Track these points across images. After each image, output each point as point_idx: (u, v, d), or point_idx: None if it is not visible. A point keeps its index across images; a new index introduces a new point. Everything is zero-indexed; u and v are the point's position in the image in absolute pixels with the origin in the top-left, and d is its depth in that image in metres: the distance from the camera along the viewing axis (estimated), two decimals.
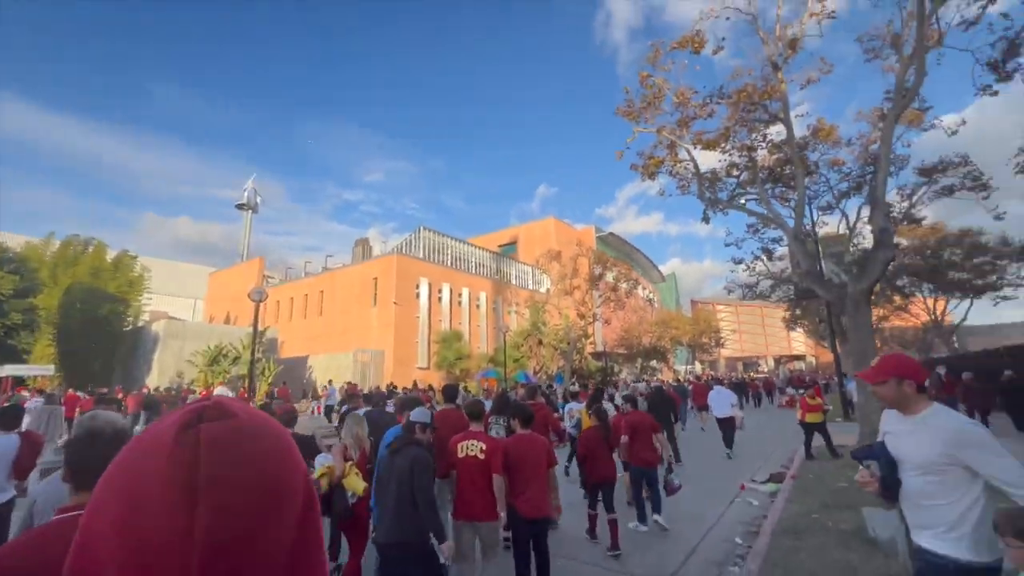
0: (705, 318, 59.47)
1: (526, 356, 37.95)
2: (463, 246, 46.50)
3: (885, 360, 2.31)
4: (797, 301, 32.18)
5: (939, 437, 2.05)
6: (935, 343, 35.69)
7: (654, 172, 15.85)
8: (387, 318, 34.52)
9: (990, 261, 28.55)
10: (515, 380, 24.82)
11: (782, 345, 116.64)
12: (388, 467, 3.30)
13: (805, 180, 12.88)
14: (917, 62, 10.35)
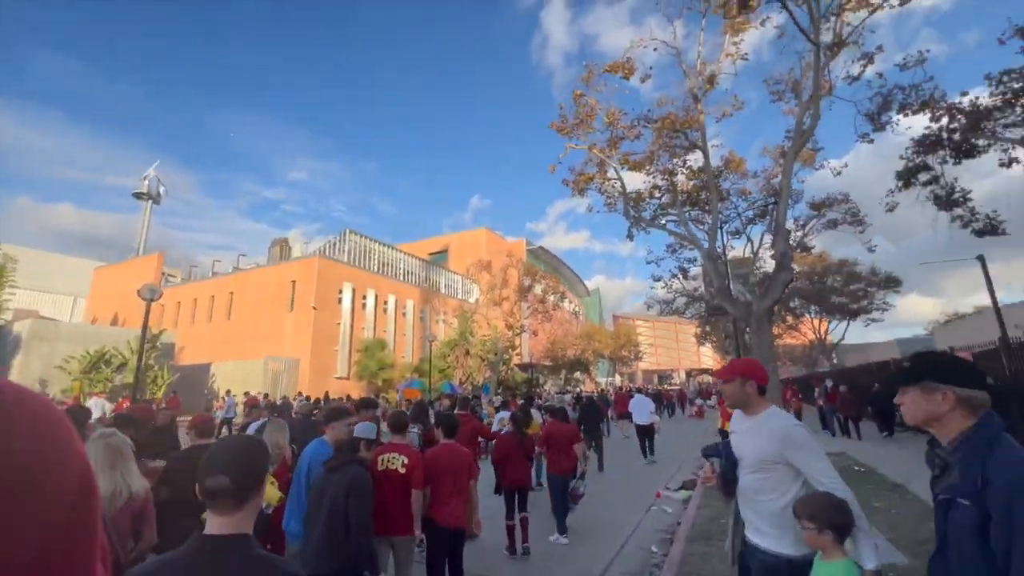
0: (626, 332, 62.42)
1: (452, 367, 37.33)
2: (391, 252, 45.07)
3: (734, 362, 2.48)
4: (707, 318, 34.71)
5: (771, 436, 2.17)
6: (819, 359, 40.21)
7: (584, 188, 16.37)
8: (304, 324, 32.39)
9: (863, 288, 32.78)
10: (440, 391, 24.23)
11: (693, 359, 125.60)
12: (322, 487, 2.93)
13: (718, 205, 13.93)
14: (813, 107, 11.62)
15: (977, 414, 1.42)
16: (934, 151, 12.88)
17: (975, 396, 1.43)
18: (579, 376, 49.17)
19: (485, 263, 30.47)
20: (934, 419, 1.48)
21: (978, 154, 12.64)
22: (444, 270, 52.48)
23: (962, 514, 1.35)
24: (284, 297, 34.07)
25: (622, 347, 56.21)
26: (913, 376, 1.53)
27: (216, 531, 1.22)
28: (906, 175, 13.50)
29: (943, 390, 1.44)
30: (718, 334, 40.32)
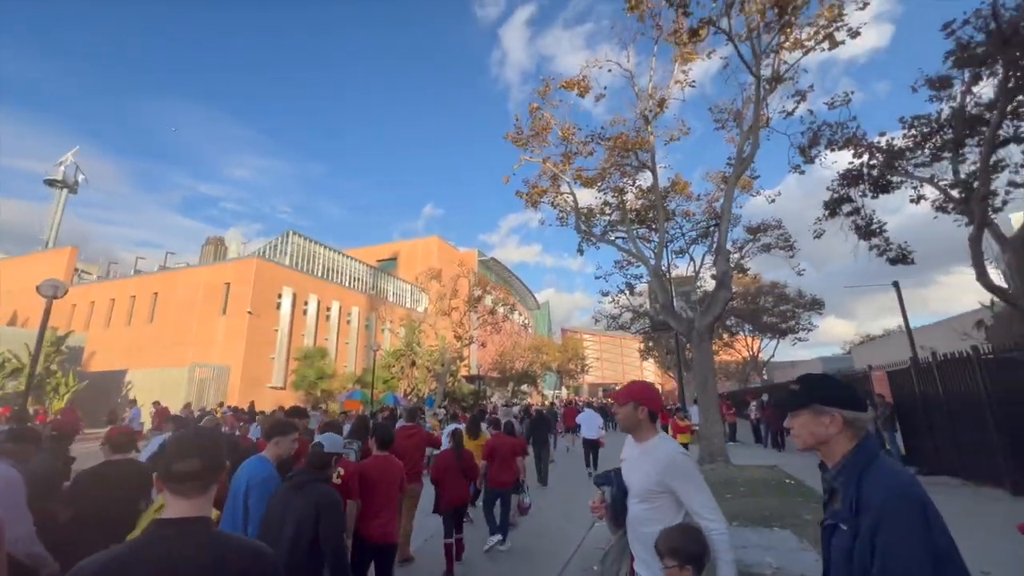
0: (574, 346, 63.39)
1: (397, 377, 36.21)
2: (338, 256, 43.41)
3: (630, 385, 2.35)
4: (651, 334, 35.87)
5: (656, 465, 2.10)
6: (751, 375, 42.57)
7: (537, 201, 16.46)
8: (238, 329, 30.33)
9: (791, 309, 35.13)
10: (382, 403, 23.33)
11: (636, 373, 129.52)
12: (283, 507, 2.60)
13: (665, 224, 14.42)
14: (753, 136, 12.32)
15: (859, 436, 1.43)
16: (856, 184, 14.01)
17: (859, 418, 1.44)
18: (526, 389, 49.20)
19: (436, 271, 29.91)
20: (822, 442, 1.46)
21: (893, 190, 13.89)
22: (393, 278, 51.20)
23: (840, 538, 1.34)
24: (216, 300, 31.80)
25: (569, 360, 56.94)
26: (803, 399, 1.50)
27: (179, 514, 1.26)
28: (832, 205, 14.59)
29: (831, 412, 1.43)
30: (660, 349, 41.74)
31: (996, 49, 7.92)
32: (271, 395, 30.93)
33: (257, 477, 2.80)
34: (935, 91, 11.74)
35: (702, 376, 10.85)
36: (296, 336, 33.98)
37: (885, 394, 10.59)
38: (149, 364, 29.87)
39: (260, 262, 31.94)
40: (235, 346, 30.10)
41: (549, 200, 16.65)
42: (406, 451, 5.41)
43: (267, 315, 31.77)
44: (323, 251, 41.46)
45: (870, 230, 14.36)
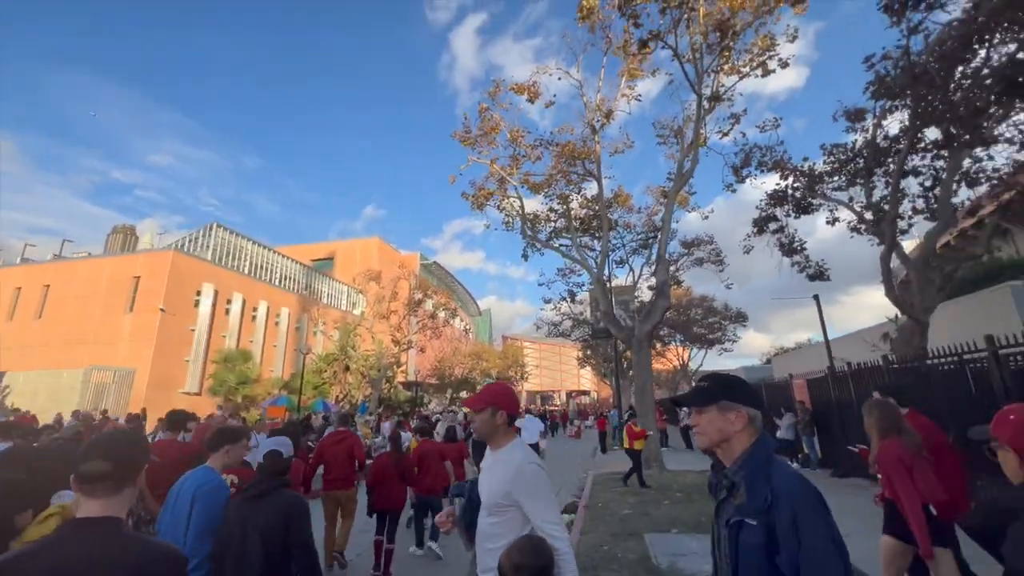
0: (514, 353, 63.53)
1: (329, 383, 34.33)
2: (268, 253, 40.73)
3: (486, 389, 2.19)
4: (590, 342, 36.63)
5: (505, 475, 1.93)
6: (681, 383, 44.67)
7: (483, 204, 16.21)
8: (147, 328, 27.45)
9: (719, 321, 37.27)
10: (311, 409, 21.91)
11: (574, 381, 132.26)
12: (242, 520, 2.38)
13: (608, 234, 14.65)
14: (692, 152, 12.82)
15: (758, 434, 1.46)
16: (781, 204, 14.99)
17: (759, 416, 1.49)
18: (465, 395, 48.46)
19: (375, 273, 28.73)
20: (725, 439, 1.47)
21: (812, 211, 15.01)
22: (329, 278, 48.86)
23: (751, 534, 1.34)
24: (122, 295, 28.62)
25: (509, 367, 56.94)
26: (712, 395, 1.51)
27: (89, 515, 1.29)
28: (760, 223, 15.51)
29: (737, 409, 1.46)
30: (598, 357, 42.75)
31: (907, 84, 8.72)
32: (184, 401, 28.15)
33: (205, 487, 2.55)
34: (851, 122, 12.82)
35: (640, 382, 11.00)
36: (216, 337, 31.32)
37: (805, 400, 11.28)
38: (36, 365, 26.21)
39: (177, 255, 29.19)
40: (143, 347, 27.19)
41: (495, 204, 16.46)
42: (335, 457, 5.32)
43: (183, 313, 29.01)
44: (251, 247, 38.72)
45: (792, 248, 15.39)
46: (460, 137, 14.23)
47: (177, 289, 28.62)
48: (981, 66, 8.95)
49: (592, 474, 11.57)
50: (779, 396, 13.28)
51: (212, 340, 30.84)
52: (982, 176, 10.65)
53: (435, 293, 29.42)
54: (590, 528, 6.34)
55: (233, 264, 35.74)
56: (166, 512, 2.56)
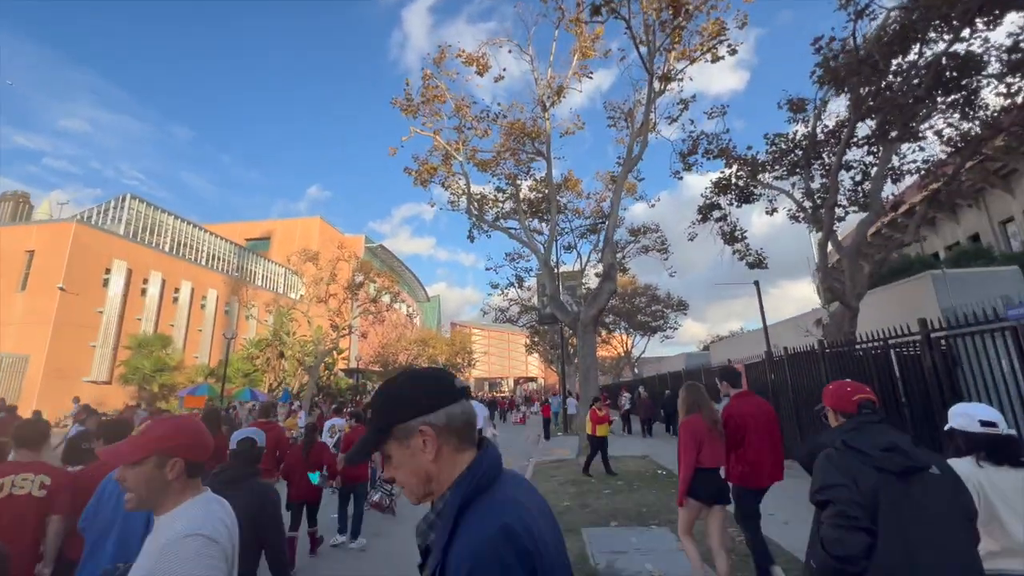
0: (462, 340, 62.81)
1: (262, 370, 32.16)
2: (193, 230, 37.36)
3: (152, 426, 1.43)
4: (537, 328, 36.62)
5: (149, 559, 1.29)
6: (624, 368, 45.86)
7: (427, 180, 15.31)
8: (42, 310, 24.32)
9: (661, 309, 38.37)
10: (237, 398, 20.24)
11: (522, 368, 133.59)
12: None
13: (556, 217, 14.24)
14: (642, 135, 12.60)
15: (468, 449, 0.93)
16: (725, 192, 15.21)
17: (454, 415, 0.92)
18: None
19: (312, 253, 26.91)
20: (428, 480, 0.93)
21: (754, 200, 15.36)
22: (264, 259, 45.76)
23: None
24: (13, 272, 25.13)
25: (457, 354, 56.20)
26: (383, 428, 0.93)
27: None
28: (704, 210, 15.69)
29: (417, 428, 0.90)
30: (545, 344, 42.92)
31: (852, 67, 8.82)
32: (90, 390, 25.33)
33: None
34: (793, 112, 13.08)
35: (585, 367, 10.74)
36: (131, 320, 28.35)
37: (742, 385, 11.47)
38: None
39: (81, 227, 25.96)
40: (38, 331, 24.08)
41: (440, 181, 15.61)
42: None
43: (88, 293, 25.94)
44: (173, 221, 35.30)
45: (734, 236, 15.70)
46: (401, 105, 13.21)
47: (81, 266, 25.49)
48: (916, 60, 9.20)
49: (534, 462, 11.25)
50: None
51: (125, 324, 27.88)
52: (912, 168, 11.12)
53: (378, 276, 28.04)
54: None
55: (151, 240, 32.42)
56: (101, 504, 2.28)
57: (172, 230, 35.24)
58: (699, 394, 3.74)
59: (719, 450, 3.54)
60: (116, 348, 27.00)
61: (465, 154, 14.35)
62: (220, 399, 18.93)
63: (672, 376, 21.57)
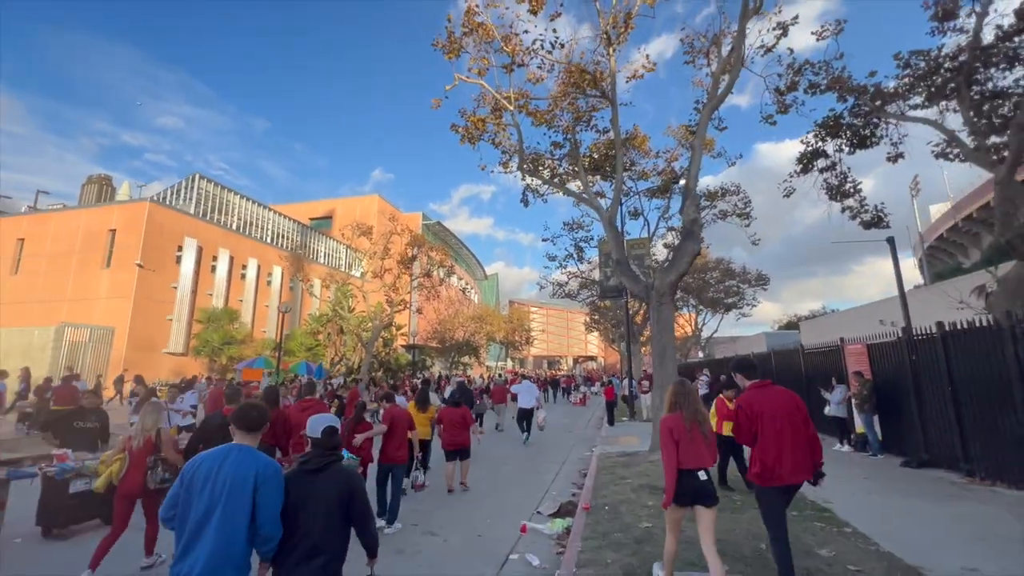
0: (519, 317, 61.76)
1: (324, 345, 32.81)
2: (259, 209, 38.54)
3: None
4: (598, 305, 34.52)
5: None
6: (692, 349, 42.62)
7: (475, 136, 13.71)
8: (124, 285, 25.74)
9: (736, 285, 34.78)
10: (293, 372, 20.26)
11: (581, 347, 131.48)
12: (305, 493, 2.43)
13: (623, 172, 12.16)
14: (734, 57, 10.19)
15: None
16: (835, 135, 12.38)
17: None
18: (468, 360, 47.05)
19: (366, 227, 26.48)
20: None
21: (872, 144, 12.40)
22: (326, 237, 46.75)
23: None
24: (99, 250, 26.79)
25: (514, 331, 55.28)
26: None
27: None
28: (806, 159, 12.95)
29: None
30: (607, 322, 40.69)
31: None
32: (169, 362, 26.83)
33: (269, 470, 2.40)
34: (940, 21, 10.06)
35: (660, 346, 8.88)
36: (202, 296, 29.62)
37: (864, 370, 9.10)
38: (12, 324, 24.77)
39: (154, 207, 27.08)
40: (121, 305, 25.54)
41: (490, 138, 13.96)
42: (299, 425, 5.25)
43: (164, 270, 27.20)
44: (239, 201, 36.50)
45: (842, 190, 12.89)
46: (443, 47, 11.59)
47: (156, 244, 26.69)
48: None
49: (598, 453, 9.65)
50: (826, 365, 11.13)
51: (198, 299, 29.17)
52: None
53: (431, 249, 27.18)
54: (591, 547, 4.33)
55: (219, 219, 33.67)
56: (193, 493, 2.26)
57: (239, 209, 36.49)
58: (683, 392, 3.65)
59: (700, 451, 3.41)
60: (191, 322, 28.32)
61: (515, 94, 12.55)
62: (276, 372, 18.93)
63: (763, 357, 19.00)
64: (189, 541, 2.17)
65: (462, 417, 7.18)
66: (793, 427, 3.41)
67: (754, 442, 3.48)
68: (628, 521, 5.09)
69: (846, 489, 6.30)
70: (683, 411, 3.51)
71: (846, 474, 7.25)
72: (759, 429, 3.44)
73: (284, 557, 2.33)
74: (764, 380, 3.72)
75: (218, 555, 2.15)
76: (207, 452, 2.39)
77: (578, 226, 23.43)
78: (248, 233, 35.90)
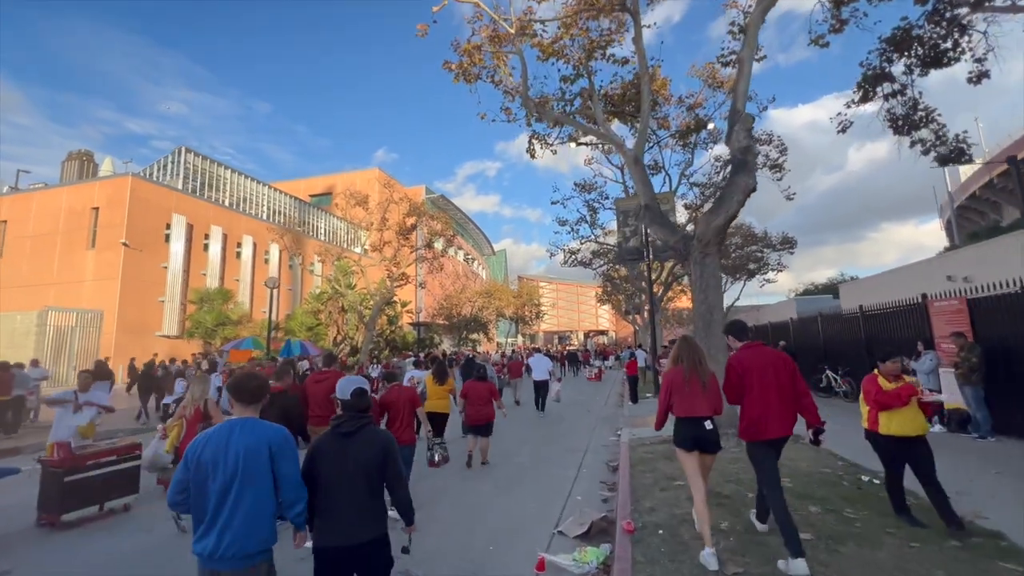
0: (529, 292, 60.06)
1: (325, 324, 31.44)
2: (254, 185, 36.80)
3: None
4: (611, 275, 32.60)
5: None
6: None
7: (472, 73, 11.71)
8: (111, 266, 24.36)
9: (759, 249, 32.56)
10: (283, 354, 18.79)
11: (591, 321, 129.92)
12: (339, 455, 2.41)
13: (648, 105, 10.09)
14: None
15: None
16: (905, 51, 10.20)
17: None
18: (476, 337, 45.62)
19: (361, 196, 24.64)
20: None
21: (949, 62, 10.22)
22: (326, 213, 45.01)
23: None
24: (83, 229, 25.36)
25: (524, 306, 53.68)
26: None
27: None
28: (867, 83, 10.78)
29: None
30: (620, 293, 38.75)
31: None
32: (164, 345, 25.60)
33: (279, 438, 2.31)
34: None
35: (706, 307, 7.10)
36: (196, 276, 28.25)
37: (966, 331, 7.22)
38: (1, 309, 23.63)
39: (137, 181, 25.44)
40: (108, 287, 24.23)
41: (488, 75, 11.95)
42: (316, 395, 5.62)
43: (152, 249, 25.74)
44: (232, 176, 34.75)
45: (912, 120, 10.76)
46: None
47: (141, 222, 25.16)
48: None
49: (628, 438, 7.98)
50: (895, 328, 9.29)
51: (191, 279, 27.80)
52: None
53: (431, 219, 25.33)
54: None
55: (211, 196, 32.02)
56: (204, 475, 2.16)
57: (232, 185, 34.78)
58: (686, 347, 3.79)
59: (695, 402, 3.56)
60: (184, 303, 27.02)
61: (519, 25, 10.49)
62: (267, 352, 17.48)
63: (776, 327, 17.18)
64: (212, 520, 2.11)
65: (489, 392, 7.00)
66: (779, 383, 3.47)
67: (741, 399, 3.57)
68: (691, 544, 3.42)
69: (988, 493, 4.57)
70: (683, 363, 3.68)
71: (966, 465, 5.51)
72: (747, 385, 3.52)
73: (330, 521, 2.31)
74: (755, 342, 3.77)
75: (244, 528, 2.09)
76: (206, 432, 2.27)
77: (590, 187, 21.43)
78: (243, 210, 34.28)
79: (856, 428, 4.51)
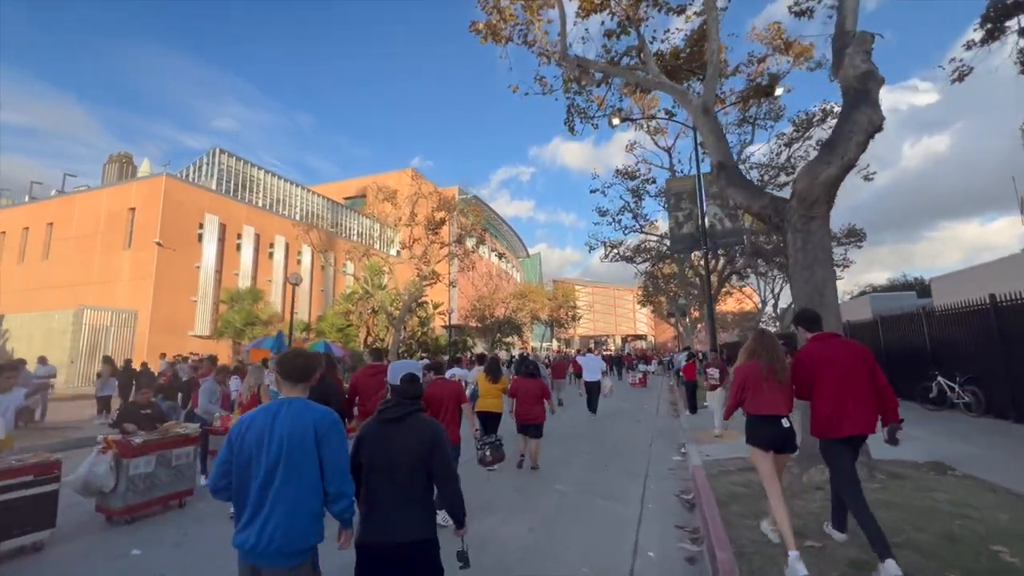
0: (564, 293, 58.16)
1: (356, 325, 30.75)
2: (288, 186, 36.82)
3: None
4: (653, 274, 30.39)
5: None
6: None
7: (502, 33, 10.26)
8: (145, 266, 24.35)
9: None
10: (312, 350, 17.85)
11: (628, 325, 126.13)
12: (385, 444, 2.19)
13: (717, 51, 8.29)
14: None
15: None
16: None
17: None
18: (511, 340, 44.10)
19: (390, 191, 23.69)
20: None
21: None
22: (359, 215, 44.80)
23: None
24: (120, 230, 25.57)
25: (559, 308, 51.80)
26: None
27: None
28: (996, 16, 8.61)
29: None
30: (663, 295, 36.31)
31: None
32: (197, 344, 25.34)
33: (328, 420, 2.10)
34: None
35: (813, 287, 5.28)
36: (228, 276, 28.09)
37: None
38: (44, 309, 24.05)
39: (171, 181, 25.44)
40: (143, 286, 24.22)
41: (521, 32, 10.46)
42: (367, 388, 5.35)
43: (185, 249, 25.67)
44: (266, 177, 34.80)
45: None
46: None
47: (175, 221, 25.12)
48: None
49: (700, 460, 6.19)
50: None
51: (224, 279, 27.66)
52: None
53: (461, 215, 24.08)
54: None
55: (244, 196, 32.04)
56: (248, 458, 1.97)
57: (266, 187, 34.84)
58: (762, 341, 3.57)
59: (774, 399, 3.37)
60: (216, 303, 26.85)
61: None
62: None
63: (858, 327, 14.88)
64: (254, 509, 1.92)
65: (540, 389, 6.59)
66: (856, 377, 3.25)
67: (810, 394, 3.38)
68: None
69: None
70: (759, 359, 3.45)
71: None
72: (816, 378, 3.33)
73: (370, 514, 2.12)
74: (825, 332, 3.61)
75: (288, 519, 1.90)
76: (252, 412, 2.10)
77: (632, 174, 19.57)
78: (276, 211, 34.22)
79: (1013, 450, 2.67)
